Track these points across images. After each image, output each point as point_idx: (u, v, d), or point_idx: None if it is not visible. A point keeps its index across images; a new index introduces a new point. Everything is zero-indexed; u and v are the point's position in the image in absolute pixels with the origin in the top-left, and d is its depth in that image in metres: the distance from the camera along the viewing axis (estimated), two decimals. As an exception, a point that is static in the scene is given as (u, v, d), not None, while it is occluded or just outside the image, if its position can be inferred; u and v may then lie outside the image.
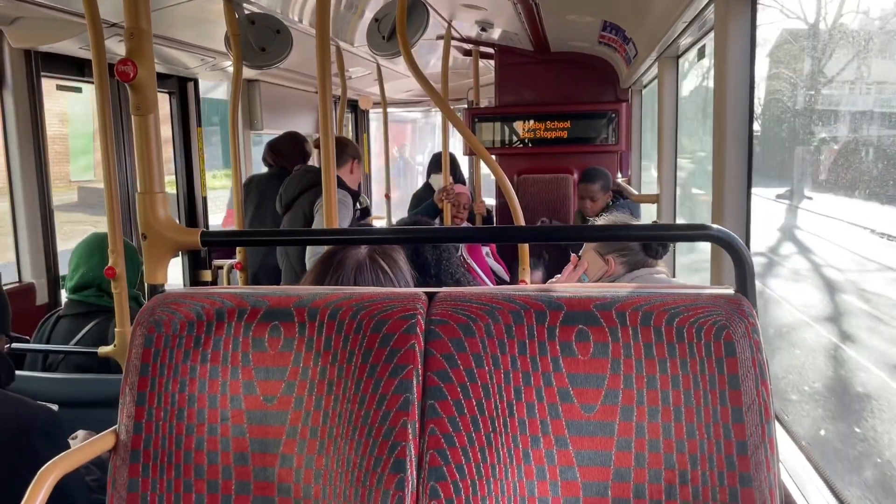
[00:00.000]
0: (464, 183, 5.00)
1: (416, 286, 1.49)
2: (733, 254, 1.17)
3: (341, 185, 3.23)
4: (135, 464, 1.21)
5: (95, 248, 2.51)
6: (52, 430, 1.67)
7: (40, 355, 2.51)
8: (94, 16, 2.17)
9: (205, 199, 4.47)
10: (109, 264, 2.30)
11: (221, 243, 1.77)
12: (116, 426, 1.24)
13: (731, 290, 1.18)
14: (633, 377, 1.12)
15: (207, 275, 4.39)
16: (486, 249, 3.81)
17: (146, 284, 1.40)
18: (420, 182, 5.13)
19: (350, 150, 3.61)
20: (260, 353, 1.22)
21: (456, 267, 2.49)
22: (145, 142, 1.35)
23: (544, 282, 4.02)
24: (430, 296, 1.24)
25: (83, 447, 1.20)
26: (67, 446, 1.71)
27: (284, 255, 3.53)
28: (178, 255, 1.52)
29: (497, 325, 1.17)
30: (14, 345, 2.45)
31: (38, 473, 1.12)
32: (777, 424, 1.32)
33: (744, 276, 1.17)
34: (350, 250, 1.52)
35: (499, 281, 3.80)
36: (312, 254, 3.12)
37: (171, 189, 4.46)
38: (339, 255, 1.51)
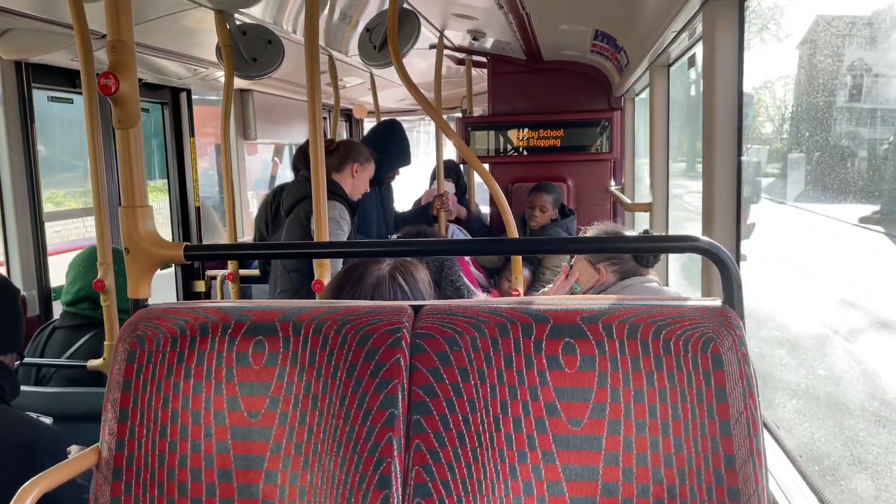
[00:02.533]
0: (465, 190, 5.04)
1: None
2: (720, 265, 1.16)
3: (339, 194, 3.15)
4: (117, 481, 1.19)
5: (92, 262, 2.47)
6: (56, 450, 1.66)
7: (33, 368, 2.49)
8: (82, 28, 2.16)
9: (198, 209, 4.45)
10: (98, 277, 2.28)
11: (206, 257, 1.75)
12: (99, 443, 1.22)
13: (718, 302, 1.17)
14: (621, 390, 1.11)
15: (201, 285, 4.37)
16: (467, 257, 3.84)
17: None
18: (420, 189, 5.17)
19: (352, 155, 3.32)
20: (244, 368, 1.20)
21: (458, 275, 2.50)
22: (128, 155, 1.34)
23: (531, 282, 4.06)
24: (416, 309, 1.23)
25: (65, 465, 1.19)
26: None
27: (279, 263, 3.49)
28: (170, 267, 1.51)
29: (483, 338, 1.16)
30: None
31: (20, 490, 1.11)
32: (766, 435, 1.30)
33: (731, 288, 1.16)
34: (371, 266, 1.49)
35: (484, 288, 3.82)
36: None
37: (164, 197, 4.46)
38: (360, 270, 1.48)
